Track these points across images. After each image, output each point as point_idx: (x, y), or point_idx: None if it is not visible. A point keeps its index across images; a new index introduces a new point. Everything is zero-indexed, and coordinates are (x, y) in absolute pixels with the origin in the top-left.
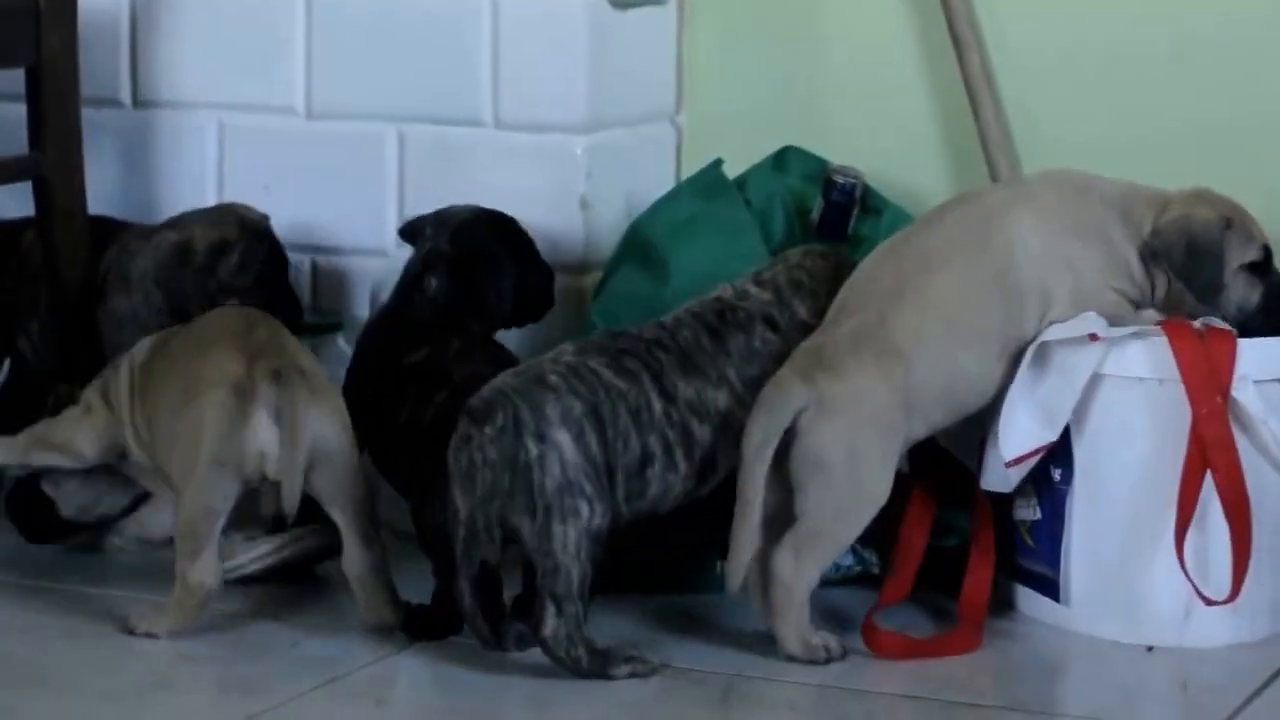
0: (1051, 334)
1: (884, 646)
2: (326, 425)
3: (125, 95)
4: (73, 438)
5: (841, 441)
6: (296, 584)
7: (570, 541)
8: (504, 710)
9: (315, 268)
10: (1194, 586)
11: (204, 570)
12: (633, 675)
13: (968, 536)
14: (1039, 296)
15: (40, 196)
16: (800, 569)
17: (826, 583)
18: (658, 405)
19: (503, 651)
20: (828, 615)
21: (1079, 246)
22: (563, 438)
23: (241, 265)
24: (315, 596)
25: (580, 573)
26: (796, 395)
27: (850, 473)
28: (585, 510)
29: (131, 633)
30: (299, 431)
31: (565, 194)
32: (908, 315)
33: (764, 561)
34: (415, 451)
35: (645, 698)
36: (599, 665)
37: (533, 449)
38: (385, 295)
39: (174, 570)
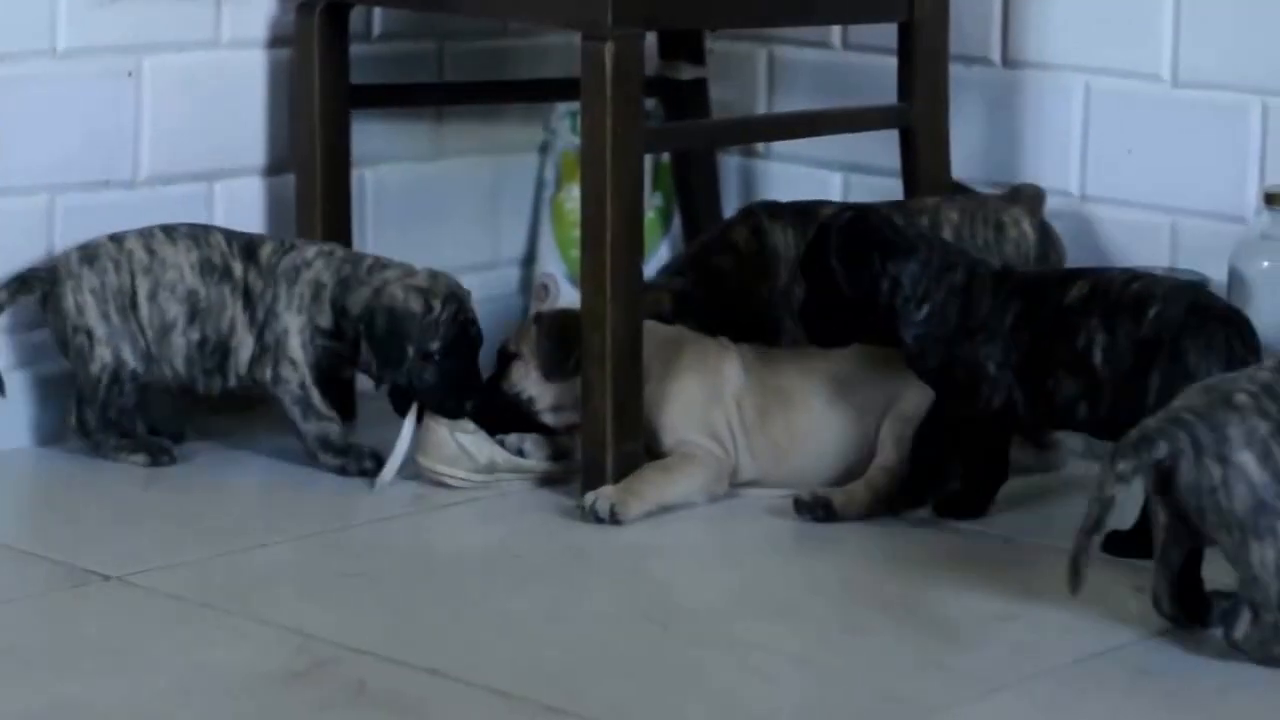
0: None
1: None
2: None
3: (995, 54)
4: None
5: None
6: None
7: (1270, 560)
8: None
9: (1174, 230)
10: None
11: None
12: None
13: None
14: None
15: (906, 147)
16: None
17: None
18: None
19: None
20: None
21: None
22: (1245, 458)
23: None
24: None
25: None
26: None
27: None
28: None
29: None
30: None
31: None
32: None
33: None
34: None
35: None
36: None
37: (1215, 472)
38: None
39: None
